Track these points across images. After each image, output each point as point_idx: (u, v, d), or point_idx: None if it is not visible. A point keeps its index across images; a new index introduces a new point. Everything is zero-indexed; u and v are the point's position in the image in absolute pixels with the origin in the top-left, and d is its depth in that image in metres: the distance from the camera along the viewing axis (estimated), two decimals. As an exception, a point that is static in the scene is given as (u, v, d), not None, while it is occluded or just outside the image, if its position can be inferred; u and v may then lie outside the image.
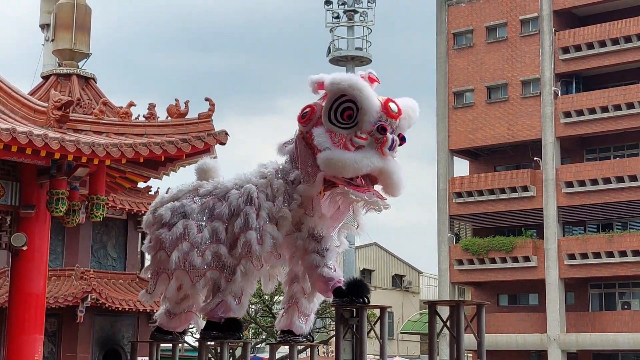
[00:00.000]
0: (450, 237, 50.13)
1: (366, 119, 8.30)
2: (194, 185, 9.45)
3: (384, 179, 8.46)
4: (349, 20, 39.84)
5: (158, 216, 9.37)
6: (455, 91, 51.05)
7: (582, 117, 46.97)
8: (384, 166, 8.34)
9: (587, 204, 46.76)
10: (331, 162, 8.23)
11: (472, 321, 9.37)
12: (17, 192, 15.23)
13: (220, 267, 8.95)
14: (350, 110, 8.31)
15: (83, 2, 23.48)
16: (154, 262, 9.41)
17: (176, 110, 16.34)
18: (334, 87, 8.35)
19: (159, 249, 9.30)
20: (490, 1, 50.72)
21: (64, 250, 24.15)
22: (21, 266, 15.30)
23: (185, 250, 8.98)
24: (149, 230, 9.53)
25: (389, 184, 8.50)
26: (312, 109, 8.58)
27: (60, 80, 23.28)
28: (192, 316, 9.70)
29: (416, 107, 8.72)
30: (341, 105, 8.32)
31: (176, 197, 9.43)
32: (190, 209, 9.15)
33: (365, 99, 8.28)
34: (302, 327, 9.14)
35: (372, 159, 8.27)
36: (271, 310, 39.75)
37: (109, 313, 23.27)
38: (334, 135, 8.31)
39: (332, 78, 8.42)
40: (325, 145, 8.28)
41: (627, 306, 47.37)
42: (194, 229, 9.04)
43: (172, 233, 9.11)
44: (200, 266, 8.92)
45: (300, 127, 8.67)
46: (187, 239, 9.01)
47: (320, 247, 8.79)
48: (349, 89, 8.28)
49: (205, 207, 9.14)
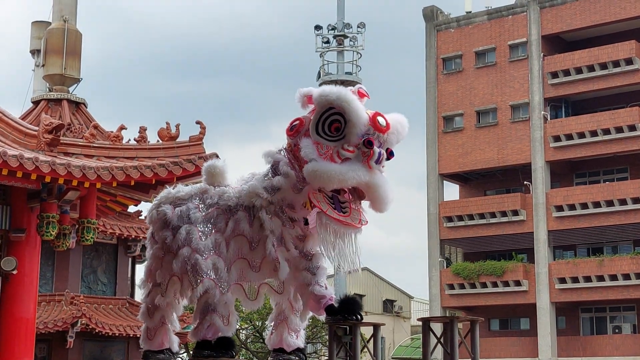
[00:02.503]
0: (441, 262, 50.13)
1: (354, 132, 8.29)
2: (200, 189, 9.33)
3: (370, 193, 8.43)
4: (338, 45, 40.04)
5: (162, 214, 9.23)
6: (444, 116, 51.23)
7: (572, 141, 47.17)
8: (369, 180, 8.33)
9: (577, 227, 46.86)
10: (316, 174, 8.22)
11: (465, 337, 9.37)
12: (7, 215, 15.18)
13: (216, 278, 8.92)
14: (338, 122, 8.31)
15: (74, 27, 23.50)
16: (164, 265, 9.27)
17: (167, 134, 16.33)
18: (322, 100, 8.36)
19: (166, 252, 9.20)
20: (479, 26, 51.04)
21: (54, 275, 24.04)
22: (11, 290, 15.21)
23: (186, 255, 8.92)
24: (152, 226, 9.40)
25: (376, 199, 8.47)
26: (301, 122, 8.59)
27: (51, 105, 23.24)
28: (168, 329, 9.60)
29: (405, 123, 8.70)
30: (329, 118, 8.33)
31: (182, 197, 9.30)
32: (195, 217, 9.07)
33: (353, 111, 8.28)
34: (295, 342, 9.09)
35: (358, 171, 8.25)
36: (262, 336, 39.58)
37: (99, 338, 23.16)
38: (320, 147, 8.31)
39: (321, 90, 8.44)
40: (311, 156, 8.27)
41: (618, 330, 47.34)
42: (197, 234, 8.98)
43: (176, 239, 9.03)
44: (202, 271, 8.87)
45: (288, 140, 8.67)
46: (190, 244, 8.95)
47: (311, 265, 8.75)
48: (337, 100, 8.29)
49: (209, 218, 9.09)
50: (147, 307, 9.49)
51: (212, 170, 9.41)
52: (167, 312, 9.48)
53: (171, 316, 9.51)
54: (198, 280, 8.86)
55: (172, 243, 9.06)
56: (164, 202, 9.38)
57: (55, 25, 23.55)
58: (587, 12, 47.90)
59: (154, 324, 9.49)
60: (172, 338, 9.64)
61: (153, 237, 9.39)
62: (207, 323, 8.86)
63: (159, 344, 9.55)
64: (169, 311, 9.48)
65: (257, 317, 39.10)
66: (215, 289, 8.83)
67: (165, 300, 9.37)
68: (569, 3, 48.49)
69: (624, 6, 47.11)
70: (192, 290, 8.94)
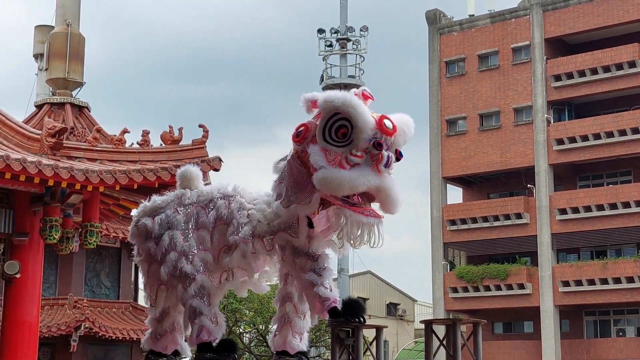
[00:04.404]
0: (444, 265, 50.07)
1: (361, 137, 8.24)
2: (176, 194, 9.40)
3: (381, 197, 8.41)
4: (341, 48, 40.07)
5: (142, 227, 9.30)
6: (448, 119, 51.21)
7: (575, 144, 47.13)
8: (380, 183, 8.30)
9: (580, 230, 46.82)
10: (327, 181, 8.18)
11: (468, 340, 9.35)
12: (10, 219, 15.18)
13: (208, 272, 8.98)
14: (345, 128, 8.24)
15: (77, 31, 23.55)
16: (150, 276, 9.35)
17: (170, 137, 16.34)
18: (328, 105, 8.30)
19: (151, 262, 9.26)
20: (481, 29, 51.03)
21: (57, 279, 24.05)
22: (14, 294, 15.21)
23: (173, 260, 8.96)
24: (135, 241, 9.47)
25: (387, 202, 8.45)
26: (307, 128, 8.53)
27: (54, 109, 23.31)
28: (177, 337, 9.61)
29: (411, 123, 8.67)
30: (335, 124, 8.27)
31: (159, 206, 9.36)
32: (176, 220, 9.13)
33: (359, 116, 8.23)
34: (299, 345, 9.07)
35: (368, 176, 8.22)
36: (265, 340, 39.56)
37: (102, 342, 23.14)
38: (328, 154, 8.26)
39: (326, 96, 8.37)
40: (320, 164, 8.22)
41: (622, 333, 47.26)
42: (180, 238, 9.03)
43: (160, 246, 9.08)
44: (190, 273, 8.91)
45: (295, 147, 8.61)
46: (175, 248, 8.99)
47: (317, 266, 8.71)
48: (343, 106, 8.23)
49: (190, 216, 9.14)
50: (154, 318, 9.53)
51: (188, 175, 9.57)
52: (178, 319, 9.51)
53: (181, 322, 9.52)
54: (190, 278, 8.90)
55: (156, 251, 9.12)
56: (142, 216, 9.45)
57: (59, 29, 23.60)
58: (590, 15, 47.88)
59: (163, 329, 9.52)
60: (182, 345, 9.65)
61: (138, 252, 9.46)
62: (197, 326, 8.93)
63: (163, 348, 9.57)
64: (179, 317, 9.49)
65: (260, 321, 39.08)
66: (209, 281, 8.93)
67: (157, 310, 9.40)
68: (571, 6, 48.48)
69: (627, 9, 47.08)
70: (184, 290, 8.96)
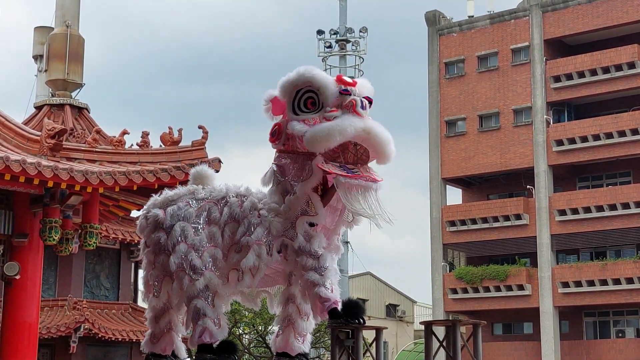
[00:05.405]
0: (444, 266, 50.07)
1: (328, 94, 8.51)
2: (189, 189, 9.38)
3: (371, 139, 8.43)
4: (341, 49, 40.08)
5: (152, 217, 9.24)
6: (447, 120, 51.22)
7: (574, 145, 47.14)
8: (365, 124, 8.43)
9: (580, 231, 46.83)
10: (316, 136, 8.31)
11: (468, 341, 9.35)
12: (10, 220, 15.18)
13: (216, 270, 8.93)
14: (311, 98, 8.52)
15: (76, 32, 23.54)
16: (156, 266, 9.26)
17: (170, 138, 16.33)
18: (287, 85, 8.59)
19: (159, 252, 9.18)
20: (481, 31, 51.04)
21: (57, 280, 24.05)
22: (14, 295, 15.21)
23: (183, 251, 8.93)
24: (144, 233, 9.39)
25: (378, 143, 8.46)
26: (279, 126, 8.72)
27: (53, 110, 23.29)
28: (173, 336, 9.57)
29: (368, 84, 8.89)
30: (302, 98, 8.55)
31: (171, 199, 9.32)
32: (187, 212, 9.09)
33: (318, 77, 8.52)
34: (300, 347, 9.04)
35: (352, 120, 8.38)
36: (265, 341, 39.56)
37: (102, 343, 23.15)
38: (307, 122, 8.44)
39: (281, 81, 8.64)
40: (304, 129, 8.38)
41: (622, 334, 47.26)
42: (191, 231, 8.99)
43: (171, 237, 9.03)
44: (199, 267, 8.87)
45: (274, 146, 8.75)
46: (185, 241, 8.95)
47: (319, 265, 8.67)
48: (301, 77, 8.52)
49: (201, 211, 9.10)
50: (153, 315, 9.49)
51: (203, 173, 9.66)
52: (174, 318, 9.47)
53: (177, 322, 9.49)
54: (199, 273, 8.85)
55: (166, 242, 9.06)
56: (152, 207, 9.41)
57: (58, 31, 23.59)
58: (589, 16, 47.90)
59: (160, 329, 9.48)
60: (177, 344, 9.63)
61: (145, 244, 9.40)
62: (200, 328, 8.89)
63: (162, 349, 9.54)
64: (175, 317, 9.46)
65: (259, 322, 39.07)
66: (216, 279, 8.88)
67: (161, 301, 9.35)
68: (571, 7, 48.50)
69: (627, 10, 47.11)
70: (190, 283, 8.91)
